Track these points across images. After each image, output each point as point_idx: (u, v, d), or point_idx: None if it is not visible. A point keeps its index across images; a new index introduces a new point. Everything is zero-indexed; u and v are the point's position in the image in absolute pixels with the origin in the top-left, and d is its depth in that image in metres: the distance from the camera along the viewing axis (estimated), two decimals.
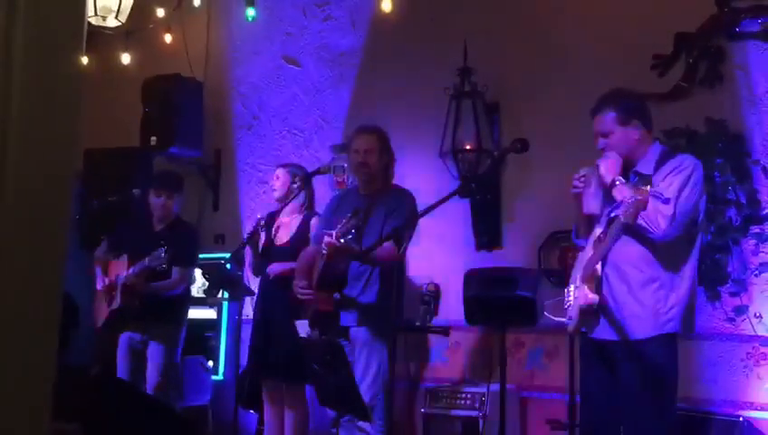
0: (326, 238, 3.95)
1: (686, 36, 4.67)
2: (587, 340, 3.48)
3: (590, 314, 3.36)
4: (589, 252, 3.41)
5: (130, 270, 5.01)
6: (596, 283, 3.32)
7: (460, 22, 5.45)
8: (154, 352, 5.09)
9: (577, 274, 3.47)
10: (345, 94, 6.10)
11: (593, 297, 3.30)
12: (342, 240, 3.87)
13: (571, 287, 3.51)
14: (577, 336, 3.63)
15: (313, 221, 4.82)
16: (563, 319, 3.56)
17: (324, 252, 4.04)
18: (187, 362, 5.64)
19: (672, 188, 3.22)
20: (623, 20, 4.92)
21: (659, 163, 3.37)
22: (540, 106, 5.18)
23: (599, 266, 3.32)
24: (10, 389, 1.41)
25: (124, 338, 5.17)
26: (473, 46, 5.20)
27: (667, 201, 3.16)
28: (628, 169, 3.44)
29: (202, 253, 5.45)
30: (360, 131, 4.42)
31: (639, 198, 2.96)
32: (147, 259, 4.87)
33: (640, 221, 3.11)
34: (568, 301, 3.53)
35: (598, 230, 3.40)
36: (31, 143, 1.47)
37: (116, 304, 5.11)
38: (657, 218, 3.16)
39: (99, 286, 5.21)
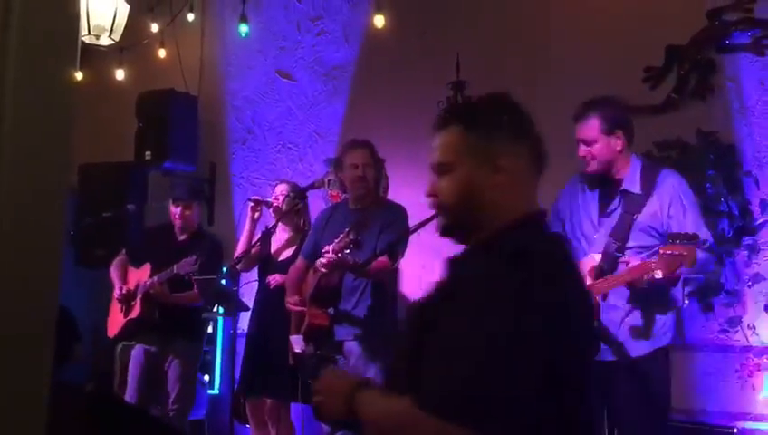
0: (323, 253, 3.96)
1: (677, 49, 4.70)
2: None
3: None
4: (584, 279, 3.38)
5: (155, 278, 4.88)
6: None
7: (453, 35, 5.48)
8: (174, 372, 4.97)
9: None
10: (339, 108, 6.12)
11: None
12: (340, 255, 3.87)
13: None
14: None
15: None
16: None
17: (322, 268, 4.04)
18: None
19: (703, 228, 3.28)
20: (615, 33, 4.94)
21: (645, 180, 3.36)
22: (533, 117, 5.19)
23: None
24: (4, 406, 1.41)
25: (138, 350, 5.06)
26: (465, 60, 5.22)
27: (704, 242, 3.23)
28: (605, 180, 3.43)
29: None
30: (355, 146, 4.39)
31: (686, 253, 2.94)
32: (174, 266, 4.75)
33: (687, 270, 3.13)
34: None
35: (596, 257, 3.34)
36: (24, 158, 1.48)
37: (135, 313, 4.99)
38: (710, 265, 3.29)
39: (116, 294, 5.08)
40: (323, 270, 4.02)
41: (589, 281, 3.33)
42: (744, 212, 4.40)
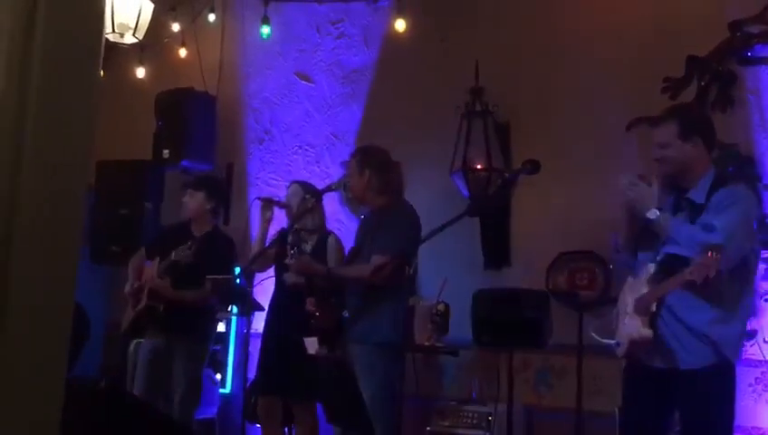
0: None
1: (697, 60, 4.68)
2: (637, 365, 3.44)
3: (643, 346, 3.33)
4: (642, 285, 3.35)
5: (156, 270, 4.87)
6: (650, 318, 3.30)
7: (472, 42, 5.47)
8: (179, 371, 4.95)
9: (627, 297, 3.41)
10: (357, 111, 6.13)
11: (647, 333, 3.26)
12: (291, 260, 4.25)
13: (620, 308, 3.47)
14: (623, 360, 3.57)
15: (330, 241, 4.81)
16: (611, 341, 3.50)
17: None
18: None
19: (717, 231, 3.19)
20: (635, 42, 4.93)
21: (711, 191, 3.30)
22: (551, 126, 5.18)
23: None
24: (19, 403, 1.41)
25: (145, 347, 5.06)
26: (484, 66, 5.21)
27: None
28: (678, 187, 3.38)
29: None
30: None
31: (713, 262, 2.96)
32: (173, 253, 4.76)
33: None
34: (616, 323, 3.48)
35: (651, 267, 3.32)
36: (46, 155, 1.49)
37: (141, 304, 4.96)
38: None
39: (127, 289, 5.07)
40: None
41: (645, 289, 3.31)
42: (762, 226, 4.35)
